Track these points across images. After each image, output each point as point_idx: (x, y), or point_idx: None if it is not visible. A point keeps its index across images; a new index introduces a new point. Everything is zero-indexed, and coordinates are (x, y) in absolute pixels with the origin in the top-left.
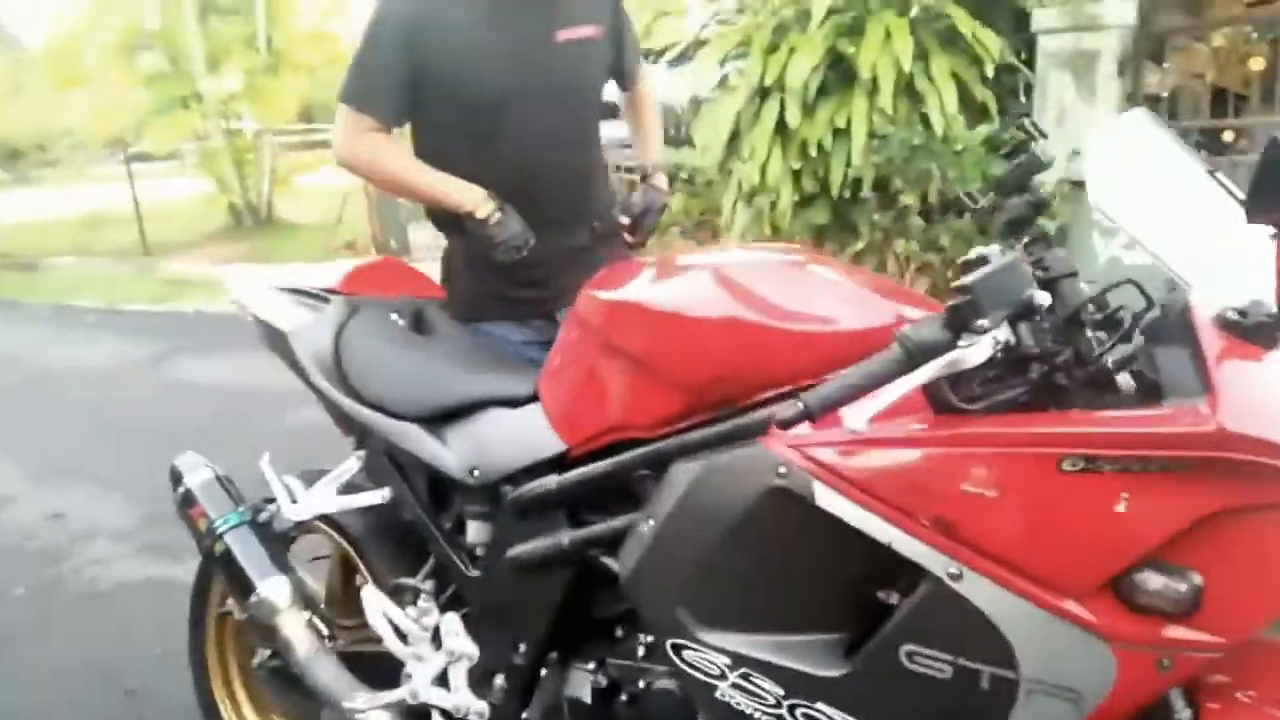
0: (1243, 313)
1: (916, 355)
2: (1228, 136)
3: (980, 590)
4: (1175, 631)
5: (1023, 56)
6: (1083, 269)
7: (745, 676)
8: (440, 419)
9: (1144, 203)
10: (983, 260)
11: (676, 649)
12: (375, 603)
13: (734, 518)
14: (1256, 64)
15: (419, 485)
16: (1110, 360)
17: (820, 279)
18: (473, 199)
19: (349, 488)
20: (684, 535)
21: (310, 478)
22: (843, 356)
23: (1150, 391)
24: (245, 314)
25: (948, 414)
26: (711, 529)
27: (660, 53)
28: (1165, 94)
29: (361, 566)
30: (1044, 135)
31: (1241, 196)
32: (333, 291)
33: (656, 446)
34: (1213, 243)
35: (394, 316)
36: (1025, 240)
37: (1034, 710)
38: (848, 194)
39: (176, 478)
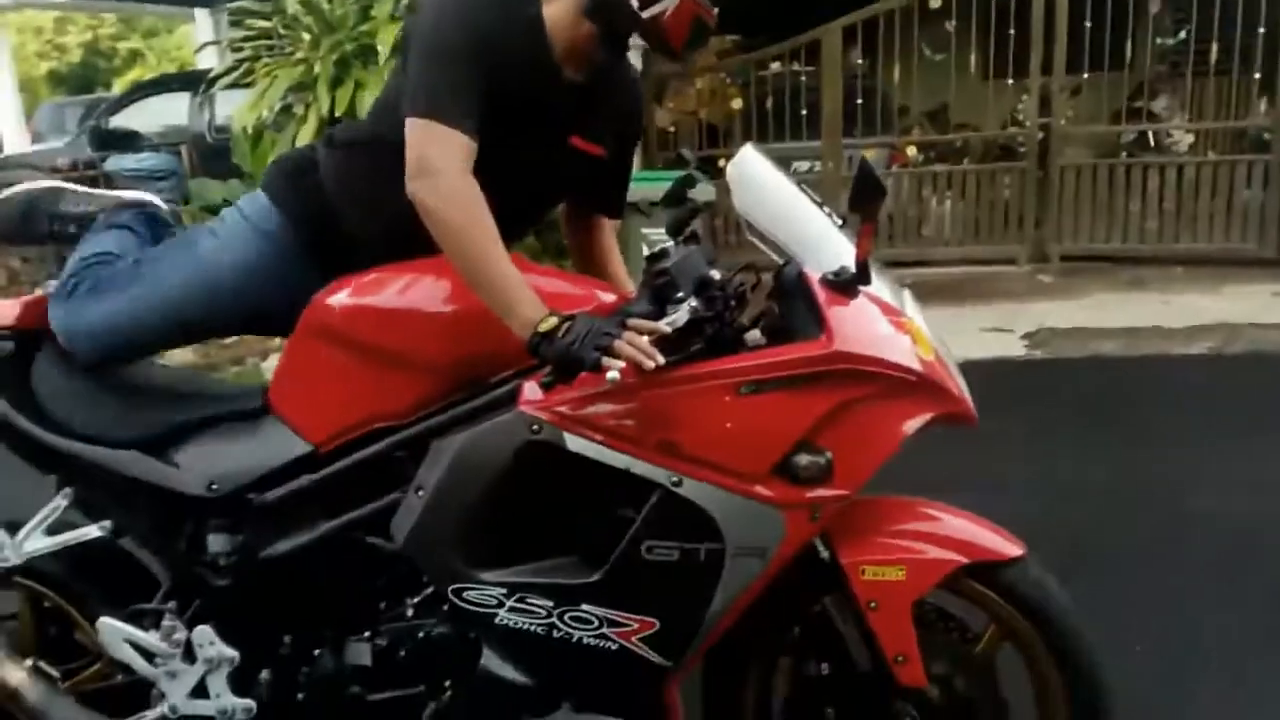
0: (836, 274)
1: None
2: (722, 163)
3: (695, 489)
4: (819, 492)
5: None
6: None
7: (520, 600)
8: (164, 441)
9: (765, 205)
10: (664, 253)
11: (457, 592)
12: (115, 631)
13: (499, 473)
14: (736, 103)
15: (141, 511)
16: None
17: (531, 272)
18: (536, 311)
19: (57, 528)
20: (456, 497)
21: None
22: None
23: (783, 331)
24: None
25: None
26: (480, 486)
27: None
28: (671, 128)
29: (72, 609)
30: (691, 162)
31: (818, 199)
32: (5, 328)
33: (414, 429)
34: (812, 229)
35: None
36: (683, 238)
37: (735, 569)
38: None
39: None
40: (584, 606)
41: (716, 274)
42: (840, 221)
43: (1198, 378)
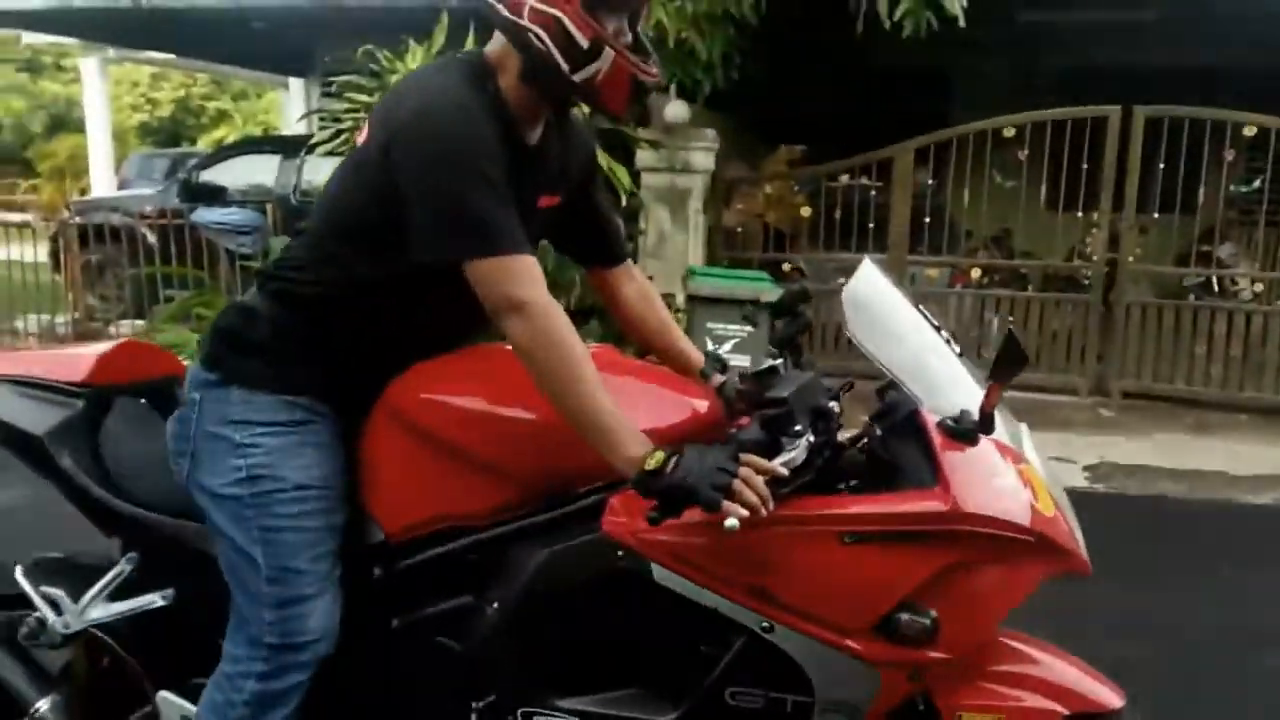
0: (956, 420)
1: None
2: (786, 267)
3: (787, 638)
4: (920, 654)
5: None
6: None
7: None
8: None
9: (880, 334)
10: (773, 370)
11: (526, 716)
12: (174, 708)
13: (578, 595)
14: (805, 211)
15: (205, 585)
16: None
17: (626, 374)
18: (641, 447)
19: (121, 593)
20: (532, 615)
21: (48, 571)
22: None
23: (885, 473)
24: None
25: None
26: (558, 607)
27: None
28: (738, 229)
29: (140, 671)
30: (807, 275)
31: (936, 323)
32: (77, 384)
33: (493, 533)
34: (932, 365)
35: (150, 409)
36: (797, 357)
37: None
38: None
39: None
40: None
41: (833, 406)
42: (958, 350)
43: (1264, 526)
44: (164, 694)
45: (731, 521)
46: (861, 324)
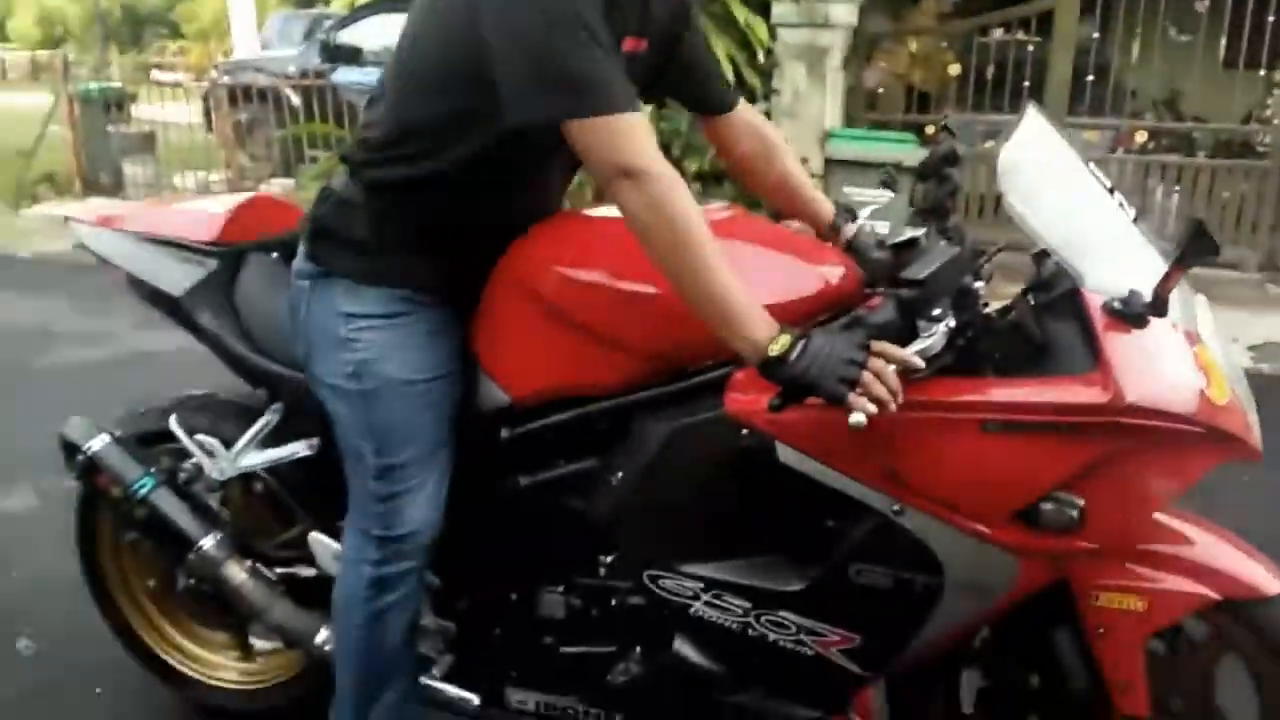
0: (1125, 301)
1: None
2: (930, 129)
3: (917, 522)
4: (1064, 543)
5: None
6: None
7: (717, 596)
8: None
9: (1042, 200)
10: (913, 242)
11: (653, 578)
12: (325, 546)
13: (704, 471)
14: (953, 69)
15: None
16: (1008, 327)
17: (754, 242)
18: (765, 331)
19: (269, 440)
20: (656, 488)
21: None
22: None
23: (1037, 354)
24: (114, 270)
25: None
26: (684, 481)
27: None
28: (878, 89)
29: (297, 508)
30: (955, 134)
31: (1108, 184)
32: (210, 243)
33: (617, 402)
34: (1098, 237)
35: (281, 263)
36: (942, 226)
37: (953, 603)
38: None
39: (71, 446)
40: (783, 613)
41: (979, 285)
42: (1133, 214)
43: None
44: (315, 535)
45: (857, 417)
46: (1020, 187)
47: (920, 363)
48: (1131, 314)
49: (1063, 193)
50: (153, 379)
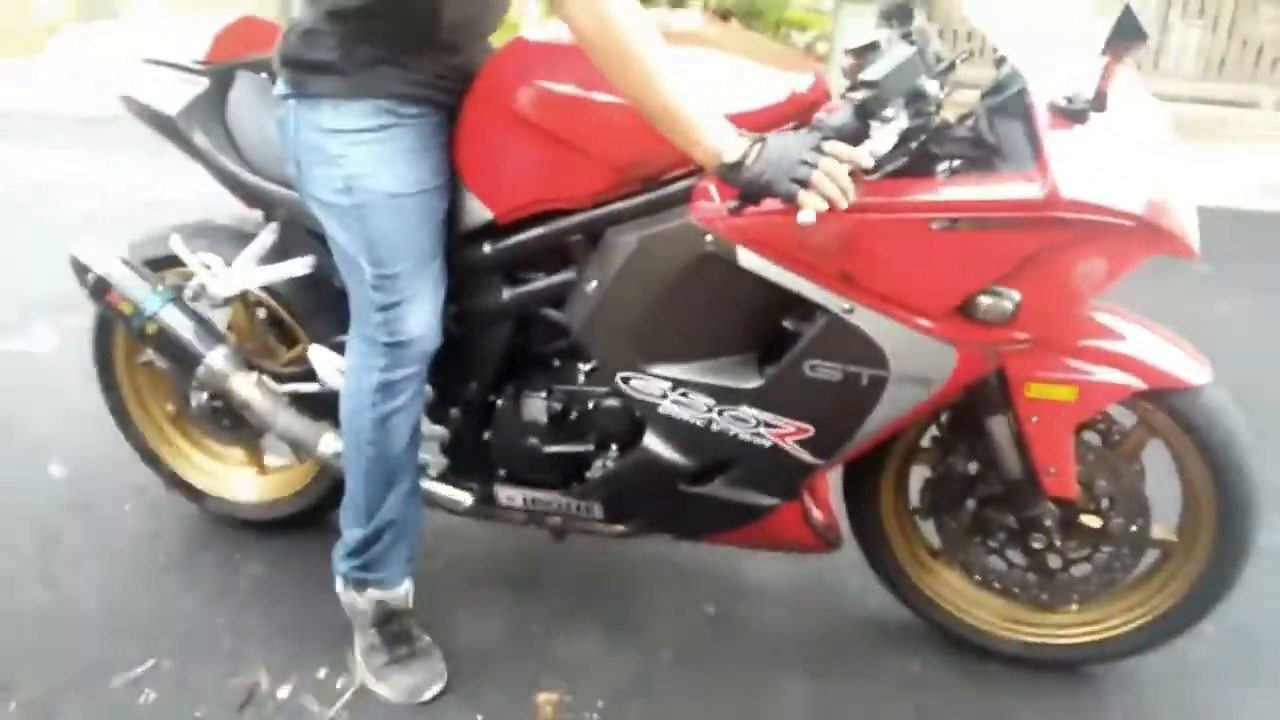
0: (1069, 99)
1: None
2: None
3: (867, 319)
4: (999, 334)
5: None
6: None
7: (683, 394)
8: None
9: (1001, 3)
10: (874, 46)
11: (625, 379)
12: (326, 360)
13: (670, 277)
14: None
15: None
16: (965, 132)
17: (722, 52)
18: (721, 139)
19: (268, 258)
20: (627, 294)
21: (201, 237)
22: (754, 132)
23: (989, 156)
24: (124, 96)
25: None
26: (651, 287)
27: None
28: None
29: (298, 327)
30: None
31: None
32: (200, 63)
33: (589, 215)
34: (1051, 37)
35: (270, 83)
36: (904, 30)
37: (897, 394)
38: None
39: (82, 268)
40: (743, 408)
41: (933, 88)
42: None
43: None
44: (316, 348)
45: (806, 214)
46: None
47: (869, 160)
48: (1073, 110)
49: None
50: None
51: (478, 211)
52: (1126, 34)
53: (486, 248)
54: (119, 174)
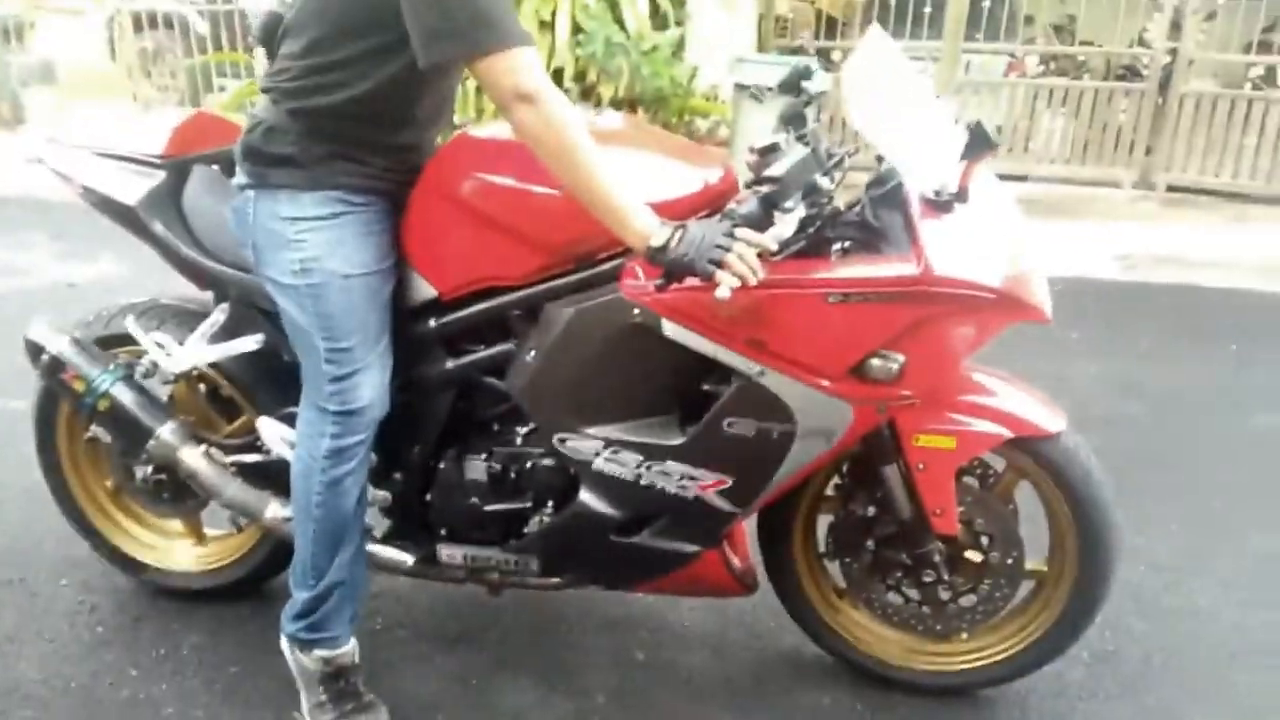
0: (937, 192)
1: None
2: (837, 56)
3: (775, 380)
4: (888, 391)
5: None
6: (743, 152)
7: (614, 452)
8: None
9: (877, 106)
10: (775, 147)
11: (561, 440)
12: (273, 431)
13: (602, 346)
14: None
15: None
16: (854, 217)
17: (645, 148)
18: (648, 224)
19: (218, 336)
20: (564, 361)
21: (154, 317)
22: (672, 220)
23: (874, 238)
24: (71, 184)
25: None
26: (585, 355)
27: None
28: (789, 14)
29: (243, 401)
30: (811, 54)
31: (933, 93)
32: (159, 157)
33: (528, 291)
34: (922, 138)
35: (223, 174)
36: (800, 133)
37: (803, 446)
38: None
39: (36, 348)
40: (669, 463)
41: (826, 182)
42: (954, 117)
43: None
44: (263, 420)
45: (722, 290)
46: (860, 98)
47: (773, 245)
48: (941, 202)
49: (896, 102)
50: (78, 307)
51: (423, 289)
52: (978, 145)
53: (432, 322)
54: (31, 255)
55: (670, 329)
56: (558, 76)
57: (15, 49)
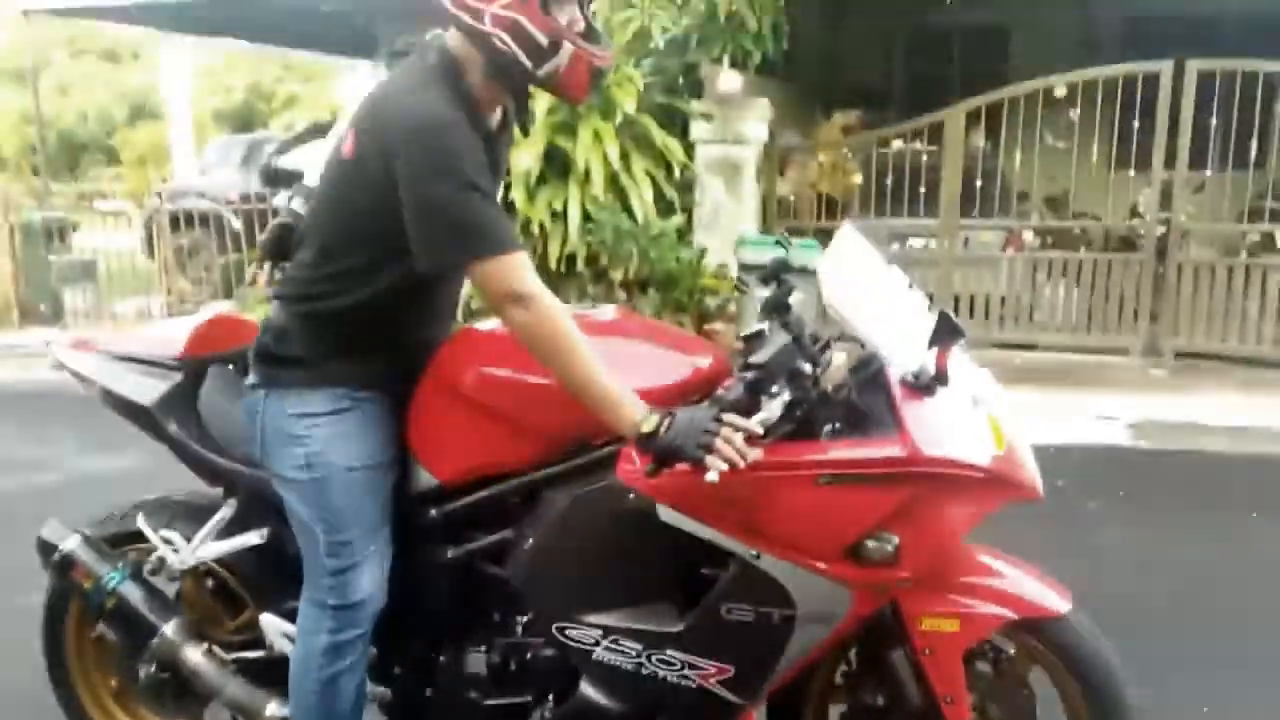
0: (916, 375)
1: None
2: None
3: (772, 564)
4: (885, 573)
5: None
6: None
7: (614, 641)
8: None
9: (854, 296)
10: (759, 334)
11: (560, 629)
12: (275, 626)
13: (600, 531)
14: (856, 179)
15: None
16: (840, 399)
17: (637, 338)
18: (637, 413)
19: (225, 532)
20: (563, 547)
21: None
22: (665, 406)
23: (861, 420)
24: (90, 386)
25: None
26: (583, 540)
27: None
28: (790, 198)
29: (248, 596)
30: (790, 244)
31: (909, 281)
32: (176, 358)
33: (527, 478)
34: (899, 324)
35: (238, 373)
36: (784, 320)
37: (804, 631)
38: (563, 268)
39: (48, 547)
40: (669, 651)
41: (808, 367)
42: (929, 304)
43: None
44: (266, 615)
45: (712, 475)
46: (837, 288)
47: (759, 429)
48: (921, 385)
49: (872, 291)
50: (97, 501)
51: (425, 479)
52: (945, 334)
53: (433, 511)
54: (53, 448)
55: (666, 513)
56: (571, 262)
57: (58, 248)
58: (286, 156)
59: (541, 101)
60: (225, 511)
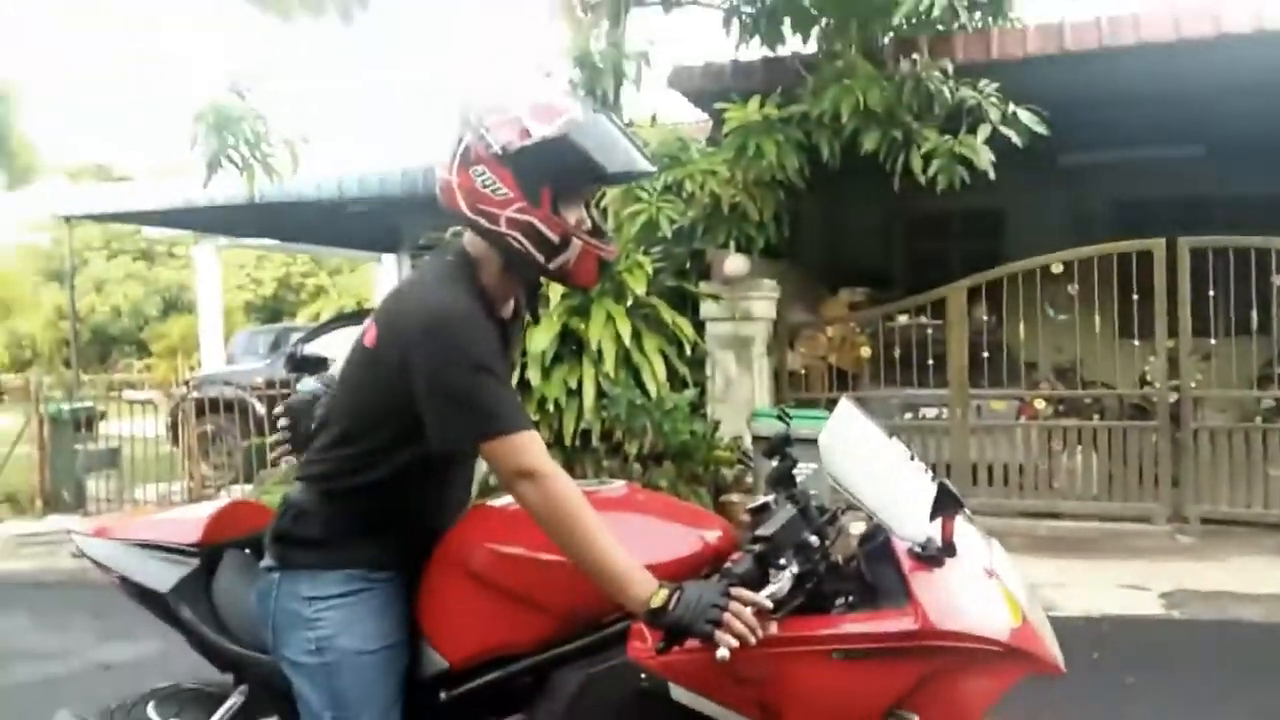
0: (924, 546)
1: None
2: None
3: None
4: None
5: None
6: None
7: None
8: None
9: (856, 467)
10: (765, 507)
11: None
12: None
13: (612, 713)
14: (865, 351)
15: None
16: (850, 571)
17: (645, 513)
18: (646, 588)
19: (235, 719)
20: None
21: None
22: (675, 579)
23: (872, 593)
24: (109, 573)
25: None
26: None
27: None
28: (802, 370)
29: None
30: (790, 417)
31: (910, 454)
32: (192, 545)
33: (537, 658)
34: (902, 495)
35: (253, 558)
36: (789, 493)
37: None
38: (579, 443)
39: None
40: None
41: (815, 539)
42: (931, 475)
43: None
44: None
45: (722, 652)
46: (839, 462)
47: (768, 603)
48: (929, 556)
49: (874, 461)
50: (111, 690)
51: (435, 661)
52: (946, 505)
53: (442, 695)
54: (70, 637)
55: (678, 693)
56: (586, 437)
57: (85, 437)
58: (312, 344)
59: (556, 288)
60: (235, 699)
